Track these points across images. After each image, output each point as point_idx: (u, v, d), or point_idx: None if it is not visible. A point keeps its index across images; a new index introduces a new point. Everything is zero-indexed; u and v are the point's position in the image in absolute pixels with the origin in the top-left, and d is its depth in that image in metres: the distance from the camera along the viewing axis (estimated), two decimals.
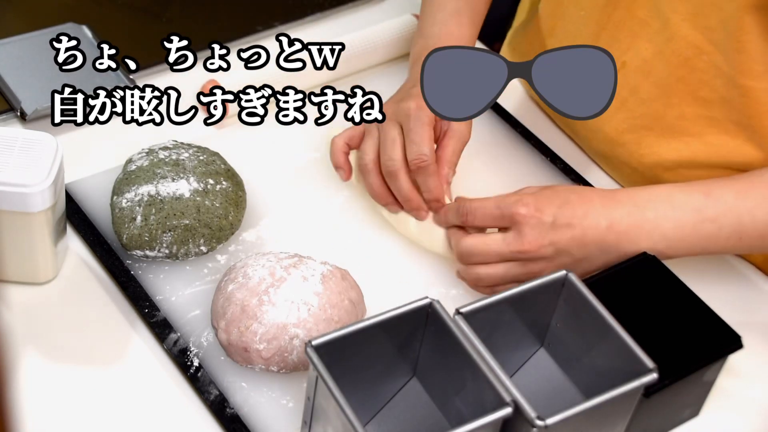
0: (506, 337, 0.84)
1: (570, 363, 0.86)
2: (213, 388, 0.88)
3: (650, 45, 1.02)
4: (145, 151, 1.00)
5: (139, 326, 0.93)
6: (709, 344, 0.85)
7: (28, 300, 0.94)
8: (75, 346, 0.91)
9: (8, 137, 0.89)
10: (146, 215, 0.94)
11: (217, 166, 0.99)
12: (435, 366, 0.83)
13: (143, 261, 0.97)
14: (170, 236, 0.94)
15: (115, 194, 0.97)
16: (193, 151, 1.00)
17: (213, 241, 0.97)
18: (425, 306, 0.80)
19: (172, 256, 0.96)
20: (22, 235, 0.90)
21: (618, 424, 0.82)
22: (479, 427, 0.74)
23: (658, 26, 1.01)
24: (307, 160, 1.10)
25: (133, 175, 0.97)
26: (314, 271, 0.90)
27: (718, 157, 1.02)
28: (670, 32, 1.00)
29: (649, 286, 0.88)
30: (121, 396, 0.88)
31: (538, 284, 0.83)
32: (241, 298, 0.88)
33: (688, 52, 0.99)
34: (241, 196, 0.99)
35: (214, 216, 0.96)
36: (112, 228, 0.97)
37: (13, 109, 1.09)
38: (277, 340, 0.87)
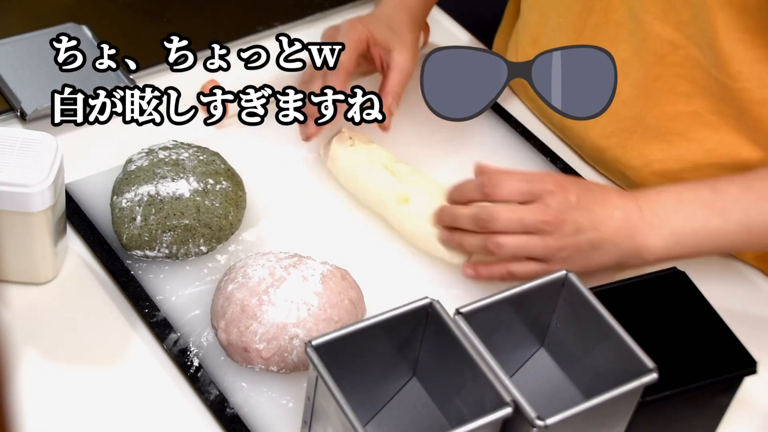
0: (506, 337, 0.84)
1: (570, 363, 0.86)
2: (213, 388, 0.88)
3: (627, 46, 1.02)
4: (145, 151, 1.00)
5: (139, 326, 0.93)
6: (720, 363, 0.85)
7: (28, 300, 0.94)
8: (75, 346, 0.91)
9: (8, 137, 0.89)
10: (146, 215, 0.94)
11: (217, 166, 0.99)
12: (435, 366, 0.83)
13: (143, 261, 0.97)
14: (170, 236, 0.94)
15: (115, 194, 0.97)
16: (193, 151, 1.00)
17: (213, 241, 0.97)
18: (425, 306, 0.80)
19: (172, 256, 0.96)
20: (22, 235, 0.90)
21: (618, 424, 0.82)
22: (479, 427, 0.74)
23: (632, 27, 1.01)
24: (307, 160, 1.09)
25: (132, 175, 0.97)
26: (314, 271, 0.90)
27: (704, 152, 1.02)
28: (644, 32, 1.00)
29: (673, 300, 0.89)
30: (121, 396, 0.88)
31: (538, 284, 0.83)
32: (241, 297, 0.88)
33: (663, 49, 1.00)
34: (240, 195, 0.99)
35: (214, 216, 0.96)
36: (112, 228, 0.97)
37: (13, 109, 1.09)
38: (276, 339, 0.87)
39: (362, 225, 1.04)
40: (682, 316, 0.88)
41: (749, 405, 0.92)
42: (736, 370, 0.85)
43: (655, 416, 0.83)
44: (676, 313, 0.88)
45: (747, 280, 1.05)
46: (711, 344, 0.86)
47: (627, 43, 1.02)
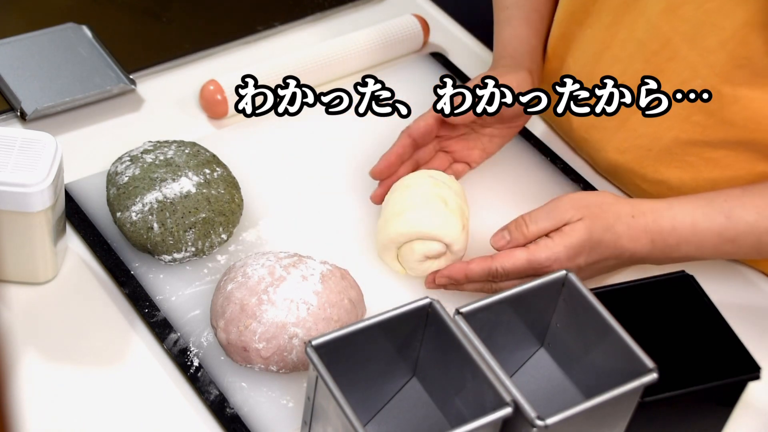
0: (506, 337, 0.84)
1: (570, 363, 0.86)
2: (213, 388, 0.88)
3: (647, 66, 1.01)
4: (128, 159, 0.98)
5: (139, 326, 0.93)
6: (723, 368, 0.85)
7: (28, 300, 0.94)
8: (75, 346, 0.91)
9: (8, 137, 0.89)
10: (162, 221, 0.94)
11: (205, 156, 1.00)
12: (435, 366, 0.83)
13: (144, 261, 0.97)
14: (192, 233, 0.94)
15: (119, 210, 0.96)
16: (176, 146, 1.00)
17: (230, 226, 0.97)
18: (425, 306, 0.80)
19: (199, 252, 0.96)
20: (22, 235, 0.90)
21: (618, 424, 0.82)
22: (479, 427, 0.74)
23: (656, 47, 0.99)
24: (307, 160, 1.09)
25: (130, 187, 0.96)
26: (314, 270, 0.90)
27: (721, 169, 1.01)
28: (669, 53, 0.99)
29: (679, 303, 0.89)
30: (121, 396, 0.88)
31: (538, 284, 0.82)
32: (241, 297, 0.88)
33: (684, 74, 0.99)
34: (234, 177, 1.00)
35: (224, 202, 0.97)
36: (129, 242, 0.96)
37: (13, 109, 1.09)
38: (276, 339, 0.87)
39: (362, 225, 1.04)
40: (688, 319, 0.88)
41: (753, 411, 0.92)
42: (739, 374, 0.85)
43: (655, 417, 0.83)
44: (682, 316, 0.88)
45: (756, 287, 1.05)
46: (715, 348, 0.86)
47: (647, 63, 1.00)
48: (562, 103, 1.05)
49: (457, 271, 0.94)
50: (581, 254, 0.92)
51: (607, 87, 1.02)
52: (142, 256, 0.97)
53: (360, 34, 1.20)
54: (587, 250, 0.92)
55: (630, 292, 0.88)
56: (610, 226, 0.92)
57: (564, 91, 1.04)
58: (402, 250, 0.96)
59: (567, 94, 1.04)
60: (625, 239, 0.92)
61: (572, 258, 0.92)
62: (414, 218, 0.94)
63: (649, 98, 1.00)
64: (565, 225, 0.92)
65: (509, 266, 0.92)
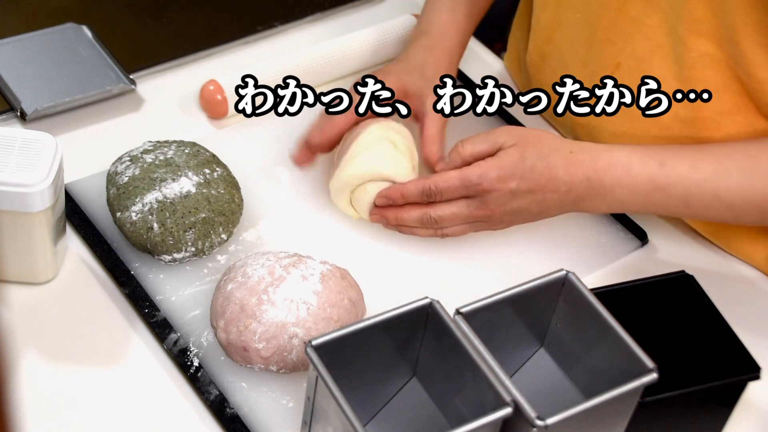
0: (506, 337, 0.84)
1: (570, 363, 0.86)
2: (213, 388, 0.88)
3: (646, 42, 1.01)
4: (128, 159, 0.99)
5: (139, 326, 0.93)
6: (723, 368, 0.85)
7: (28, 300, 0.94)
8: (75, 346, 0.91)
9: (8, 137, 0.89)
10: (162, 221, 0.94)
11: (204, 155, 1.00)
12: (435, 366, 0.83)
13: (144, 261, 0.97)
14: (192, 233, 0.94)
15: (119, 210, 0.96)
16: (176, 146, 1.00)
17: (230, 226, 0.97)
18: (425, 306, 0.80)
19: (199, 252, 0.96)
20: (22, 235, 0.90)
21: (618, 424, 0.82)
22: (479, 427, 0.74)
23: (653, 23, 1.00)
24: None
25: (130, 187, 0.96)
26: (314, 270, 0.90)
27: None
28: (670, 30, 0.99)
29: (679, 303, 0.89)
30: (121, 396, 0.88)
31: (538, 284, 0.82)
32: (240, 297, 0.88)
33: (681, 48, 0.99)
34: (233, 177, 1.00)
35: (224, 202, 0.97)
36: (129, 242, 0.97)
37: (13, 109, 1.09)
38: (276, 339, 0.87)
39: (362, 225, 1.04)
40: (688, 319, 0.88)
41: (753, 411, 0.92)
42: (739, 374, 0.85)
43: (655, 417, 0.83)
44: (682, 316, 0.88)
45: (756, 287, 1.05)
46: (715, 348, 0.86)
47: (647, 39, 1.01)
48: (562, 103, 1.05)
49: (394, 191, 0.98)
50: (513, 178, 0.94)
51: (607, 87, 1.03)
52: (142, 256, 0.97)
53: (360, 34, 1.20)
54: (519, 174, 0.94)
55: (630, 292, 0.88)
56: (544, 155, 0.95)
57: (564, 91, 1.05)
58: (355, 193, 1.00)
59: (567, 94, 1.05)
60: (561, 170, 0.94)
61: (503, 179, 0.94)
62: (366, 160, 0.99)
63: (649, 98, 1.01)
64: (500, 149, 0.95)
65: (442, 184, 0.96)
